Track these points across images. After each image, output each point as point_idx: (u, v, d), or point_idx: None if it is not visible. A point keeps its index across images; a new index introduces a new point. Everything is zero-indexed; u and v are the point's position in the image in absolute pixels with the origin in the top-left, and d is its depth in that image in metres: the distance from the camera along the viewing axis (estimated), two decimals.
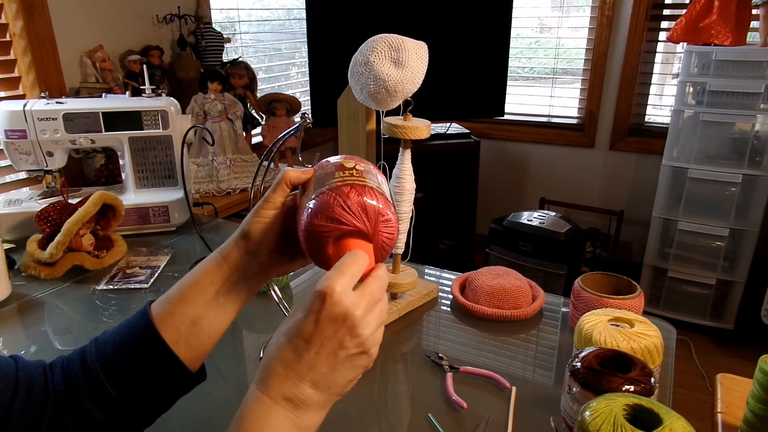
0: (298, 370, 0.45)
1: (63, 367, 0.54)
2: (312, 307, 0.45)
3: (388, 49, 0.80)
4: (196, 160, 1.96)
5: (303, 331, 0.45)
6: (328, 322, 0.44)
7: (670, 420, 0.52)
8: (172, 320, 0.54)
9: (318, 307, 0.44)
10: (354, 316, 0.45)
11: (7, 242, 1.23)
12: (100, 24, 1.83)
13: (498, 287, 0.98)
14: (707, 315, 2.45)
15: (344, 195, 0.50)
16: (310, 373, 0.45)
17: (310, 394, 0.45)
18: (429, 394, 0.78)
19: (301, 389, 0.45)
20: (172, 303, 0.55)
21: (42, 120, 1.23)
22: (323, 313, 0.44)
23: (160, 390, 0.55)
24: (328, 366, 0.45)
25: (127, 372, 0.53)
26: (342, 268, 0.46)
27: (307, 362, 0.45)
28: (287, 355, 0.45)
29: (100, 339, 0.55)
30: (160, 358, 0.53)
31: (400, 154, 0.92)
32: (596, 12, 2.76)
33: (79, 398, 0.52)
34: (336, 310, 0.44)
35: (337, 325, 0.44)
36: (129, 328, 0.55)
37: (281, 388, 0.44)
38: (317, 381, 0.45)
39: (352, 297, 0.45)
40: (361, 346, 0.46)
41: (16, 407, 0.49)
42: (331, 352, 0.45)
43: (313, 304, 0.45)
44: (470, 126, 3.00)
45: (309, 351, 0.45)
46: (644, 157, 2.85)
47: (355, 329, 0.45)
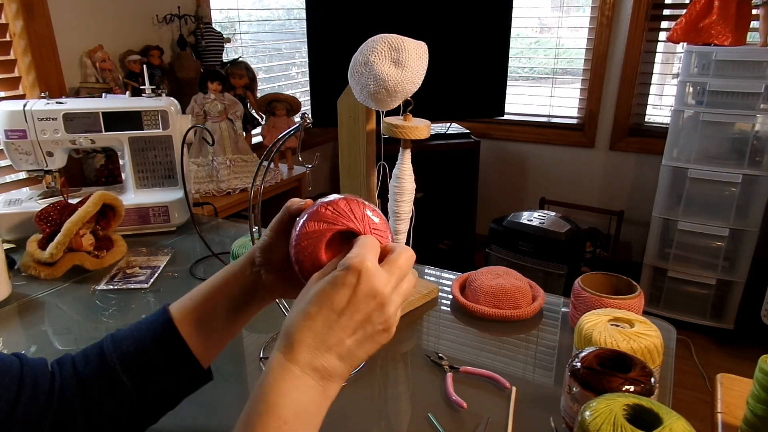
0: (327, 341, 0.45)
1: (74, 361, 0.55)
2: (345, 281, 0.45)
3: (388, 49, 0.80)
4: (196, 160, 1.96)
5: (335, 304, 0.45)
6: (362, 297, 0.45)
7: (670, 420, 0.52)
8: (191, 322, 0.56)
9: (353, 281, 0.45)
10: (384, 293, 0.46)
11: (7, 242, 1.23)
12: (100, 24, 1.83)
13: (498, 287, 0.98)
14: (707, 315, 2.45)
15: (333, 202, 0.52)
16: (339, 345, 0.45)
17: (336, 365, 0.46)
18: (429, 394, 0.78)
19: (329, 360, 0.45)
20: (189, 306, 0.57)
21: (42, 120, 1.23)
22: (359, 287, 0.45)
23: (173, 385, 0.56)
24: (356, 340, 0.46)
25: (143, 366, 0.54)
26: (367, 245, 0.47)
27: (336, 334, 0.45)
28: (317, 326, 0.45)
29: (116, 335, 0.57)
30: (178, 354, 0.55)
31: (400, 154, 0.92)
32: (596, 12, 2.76)
33: (92, 391, 0.53)
34: (369, 286, 0.45)
35: (369, 300, 0.45)
36: (147, 324, 0.57)
37: (310, 357, 0.45)
38: (343, 353, 0.46)
39: (383, 274, 0.46)
40: (386, 323, 0.47)
41: (21, 402, 0.50)
42: (360, 326, 0.46)
43: (346, 277, 0.45)
44: (470, 126, 3.00)
45: (339, 323, 0.45)
46: (644, 157, 2.85)
47: (384, 306, 0.46)
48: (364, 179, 0.97)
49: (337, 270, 0.46)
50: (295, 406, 0.43)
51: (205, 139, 1.93)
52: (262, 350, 0.87)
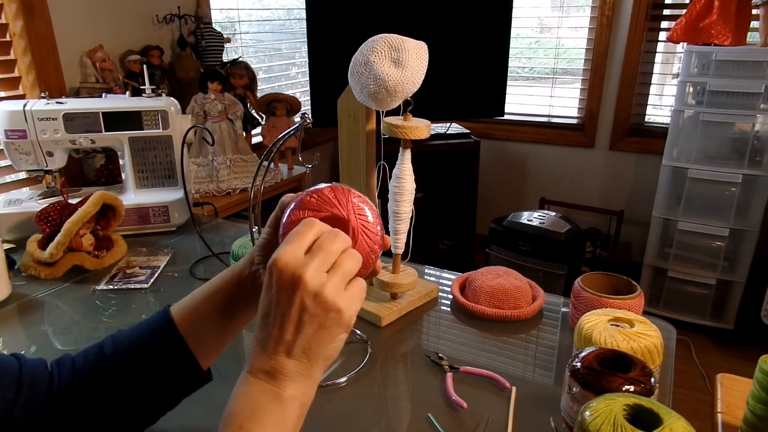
0: (268, 345, 0.45)
1: (73, 361, 0.56)
2: (266, 282, 0.46)
3: (388, 49, 0.80)
4: (196, 160, 1.96)
5: (264, 308, 0.46)
6: (281, 291, 0.45)
7: (670, 420, 0.52)
8: (189, 322, 0.56)
9: (268, 280, 0.45)
10: (304, 277, 0.44)
11: (7, 242, 1.23)
12: (100, 24, 1.83)
13: (498, 287, 0.98)
14: (707, 315, 2.45)
15: (318, 190, 0.52)
16: (280, 345, 0.45)
17: (285, 363, 0.45)
18: (429, 394, 0.78)
19: (275, 360, 0.45)
20: (190, 306, 0.57)
21: (42, 120, 1.23)
22: (273, 284, 0.45)
23: (172, 385, 0.57)
24: (294, 333, 0.45)
25: (142, 365, 0.55)
26: (288, 238, 0.46)
27: (273, 335, 0.45)
28: (258, 335, 0.46)
29: (117, 335, 0.57)
30: (177, 354, 0.56)
31: (400, 154, 0.92)
32: (596, 12, 2.76)
33: (91, 390, 0.53)
34: (285, 277, 0.44)
35: (291, 290, 0.44)
36: (148, 324, 0.57)
37: (258, 364, 0.46)
38: (289, 350, 0.45)
39: (297, 259, 0.45)
40: (324, 305, 0.44)
41: (20, 402, 0.50)
42: (294, 319, 0.44)
43: (266, 280, 0.46)
44: (470, 126, 3.00)
45: (274, 324, 0.45)
46: (644, 157, 2.85)
47: (309, 289, 0.44)
48: (364, 179, 0.97)
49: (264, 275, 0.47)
50: (248, 409, 0.44)
51: (205, 139, 1.93)
52: None
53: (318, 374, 0.47)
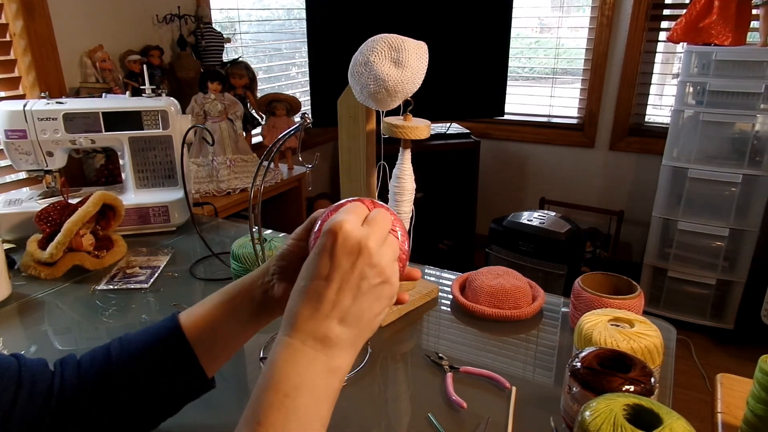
0: (323, 309, 0.44)
1: (79, 363, 0.55)
2: (325, 245, 0.44)
3: (388, 49, 0.80)
4: (196, 160, 1.96)
5: (320, 271, 0.44)
6: (344, 255, 0.44)
7: (670, 420, 0.52)
8: (198, 330, 0.56)
9: (330, 243, 0.44)
10: (368, 246, 0.45)
11: (7, 242, 1.23)
12: (100, 24, 1.83)
13: (498, 287, 0.98)
14: (707, 315, 2.45)
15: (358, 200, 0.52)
16: (336, 310, 0.44)
17: (338, 331, 0.44)
18: (429, 394, 0.78)
19: (329, 327, 0.44)
20: (199, 314, 0.57)
21: (42, 120, 1.23)
22: (337, 248, 0.44)
23: (176, 390, 0.57)
24: (353, 299, 0.45)
25: (148, 368, 0.55)
26: (347, 210, 0.47)
27: (330, 299, 0.44)
28: (310, 297, 0.44)
29: (124, 338, 0.57)
30: (184, 359, 0.55)
31: (400, 154, 0.92)
32: (596, 12, 2.76)
33: (95, 392, 0.53)
34: (350, 243, 0.44)
35: (354, 256, 0.44)
36: (156, 329, 0.57)
37: (308, 328, 0.44)
38: (344, 317, 0.44)
39: (362, 229, 0.45)
40: (382, 274, 0.46)
41: (19, 403, 0.50)
42: (353, 285, 0.44)
43: (325, 242, 0.44)
44: (470, 126, 3.00)
45: (330, 287, 0.44)
46: (644, 157, 2.85)
47: (372, 258, 0.45)
48: (364, 179, 0.97)
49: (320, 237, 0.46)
50: (296, 378, 0.42)
51: (205, 139, 1.93)
52: (262, 350, 0.87)
53: (360, 346, 0.46)
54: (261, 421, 0.40)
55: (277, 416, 0.40)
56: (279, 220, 2.37)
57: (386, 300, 0.47)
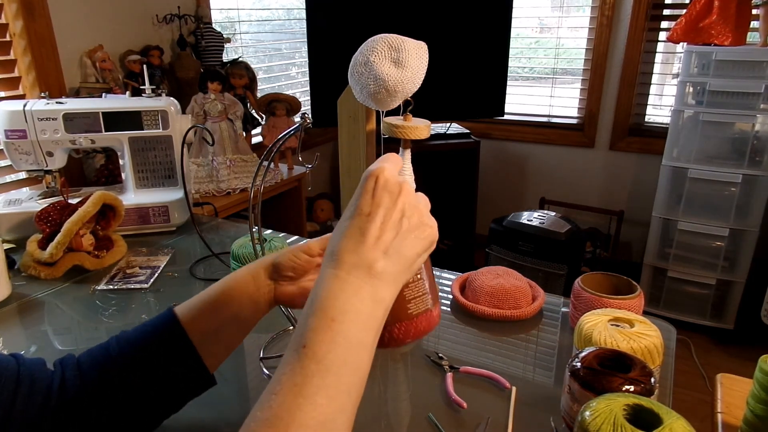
0: (367, 241, 0.45)
1: (79, 362, 0.55)
2: (366, 187, 0.46)
3: (388, 49, 0.80)
4: (196, 160, 1.96)
5: (362, 208, 0.46)
6: (386, 194, 0.46)
7: (670, 420, 0.52)
8: (198, 325, 0.56)
9: (372, 184, 0.46)
10: (407, 187, 0.47)
11: (7, 242, 1.23)
12: (100, 24, 1.83)
13: (498, 287, 0.98)
14: (707, 315, 2.45)
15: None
16: (380, 242, 0.45)
17: (383, 263, 0.45)
18: (429, 394, 0.78)
19: (374, 258, 0.44)
20: (199, 309, 0.57)
21: (42, 120, 1.23)
22: (378, 187, 0.46)
23: (177, 387, 0.56)
24: (395, 234, 0.46)
25: (148, 365, 0.54)
26: (385, 158, 0.49)
27: (374, 233, 0.45)
28: (354, 233, 0.45)
29: (122, 336, 0.57)
30: (184, 356, 0.55)
31: (400, 154, 0.92)
32: (596, 12, 2.76)
33: (96, 391, 0.53)
34: (390, 183, 0.46)
35: (395, 195, 0.46)
36: (153, 327, 0.57)
37: (353, 260, 0.44)
38: (387, 250, 0.45)
39: (400, 176, 0.48)
40: (421, 216, 0.48)
41: (18, 403, 0.50)
42: (396, 220, 0.46)
43: (366, 183, 0.46)
44: (470, 126, 3.00)
45: (374, 223, 0.45)
46: (644, 157, 2.85)
47: (411, 198, 0.47)
48: None
49: (361, 181, 0.47)
50: (344, 304, 0.42)
51: (205, 139, 1.93)
52: (262, 350, 0.87)
53: (402, 283, 0.47)
54: (306, 344, 0.40)
55: (323, 338, 0.40)
56: (279, 220, 2.37)
57: (427, 242, 0.48)
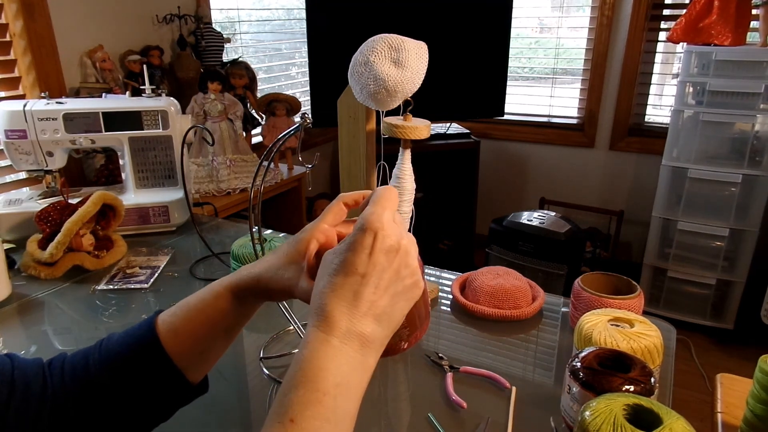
0: (360, 307, 0.43)
1: (63, 367, 0.54)
2: (363, 243, 0.44)
3: (388, 49, 0.80)
4: (196, 160, 1.96)
5: (357, 267, 0.44)
6: (383, 254, 0.44)
7: (670, 420, 0.52)
8: (179, 338, 0.54)
9: (369, 241, 0.44)
10: (405, 245, 0.45)
11: (7, 242, 1.23)
12: (100, 24, 1.83)
13: (498, 287, 0.98)
14: (707, 315, 2.45)
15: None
16: (373, 308, 0.44)
17: (374, 329, 0.44)
18: (429, 394, 0.78)
19: (367, 325, 0.43)
20: (179, 323, 0.55)
21: (42, 120, 1.23)
22: (376, 246, 0.44)
23: (161, 401, 0.55)
24: (389, 298, 0.45)
25: (129, 382, 0.53)
26: (382, 202, 0.46)
27: (368, 298, 0.43)
28: (347, 294, 0.43)
29: (104, 346, 0.55)
30: (163, 372, 0.53)
31: (400, 154, 0.92)
32: (596, 12, 2.76)
33: (78, 400, 0.52)
34: (388, 242, 0.44)
35: (392, 255, 0.44)
36: (135, 338, 0.55)
37: (346, 325, 0.43)
38: (380, 315, 0.44)
39: (397, 228, 0.45)
40: (414, 274, 0.46)
41: (12, 406, 0.49)
42: (390, 284, 0.44)
43: (363, 239, 0.44)
44: (470, 126, 3.00)
45: (368, 285, 0.43)
46: (644, 157, 2.85)
47: (408, 258, 0.45)
48: (364, 179, 0.97)
49: (355, 232, 0.44)
50: (336, 377, 0.41)
51: (205, 139, 1.93)
52: (262, 350, 0.87)
53: (385, 344, 0.46)
54: (295, 418, 0.39)
55: (313, 413, 0.39)
56: (279, 220, 2.37)
57: (413, 301, 0.47)
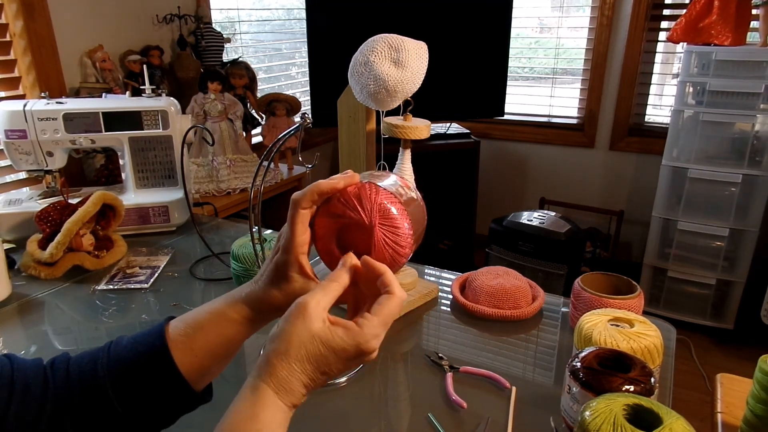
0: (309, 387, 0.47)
1: (68, 367, 0.54)
2: (349, 355, 0.47)
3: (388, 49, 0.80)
4: (196, 160, 1.96)
5: (332, 371, 0.48)
6: (353, 359, 0.48)
7: (670, 420, 0.52)
8: (189, 348, 0.55)
9: (355, 356, 0.47)
10: (375, 346, 0.48)
11: (7, 242, 1.23)
12: (100, 24, 1.83)
13: (498, 287, 0.98)
14: (707, 315, 2.45)
15: (345, 193, 0.53)
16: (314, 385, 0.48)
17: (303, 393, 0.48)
18: (429, 394, 0.78)
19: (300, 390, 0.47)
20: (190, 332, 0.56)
21: (42, 120, 1.23)
22: (357, 360, 0.48)
23: (165, 409, 0.55)
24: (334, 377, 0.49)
25: (132, 386, 0.53)
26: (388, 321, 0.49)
27: (318, 379, 0.48)
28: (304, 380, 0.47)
29: (113, 350, 0.55)
30: (170, 381, 0.54)
31: (400, 154, 0.92)
32: (596, 12, 2.76)
33: (82, 403, 0.52)
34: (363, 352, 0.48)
35: (359, 357, 0.48)
36: (145, 346, 0.55)
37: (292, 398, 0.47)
38: (319, 386, 0.48)
39: (379, 335, 0.48)
40: (370, 360, 0.49)
41: (12, 407, 0.49)
42: (346, 367, 0.48)
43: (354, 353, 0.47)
44: (470, 126, 3.00)
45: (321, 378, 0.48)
46: (644, 157, 2.85)
47: (370, 359, 0.49)
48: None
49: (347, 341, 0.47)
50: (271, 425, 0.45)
51: (205, 139, 1.93)
52: (263, 350, 0.87)
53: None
54: None
55: None
56: (279, 220, 2.35)
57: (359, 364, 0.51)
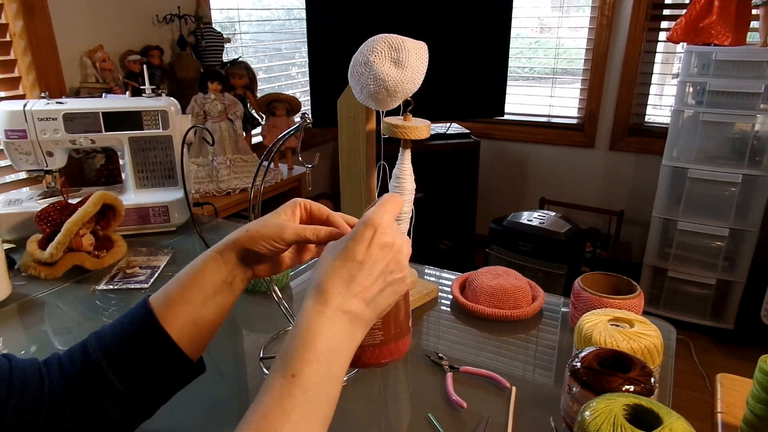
0: (353, 288, 0.50)
1: (60, 363, 0.54)
2: (363, 235, 0.51)
3: (388, 49, 0.80)
4: (196, 160, 1.96)
5: (356, 255, 0.50)
6: (379, 248, 0.51)
7: (670, 420, 0.52)
8: (174, 317, 0.56)
9: (369, 235, 0.51)
10: (398, 244, 0.52)
11: (7, 242, 1.23)
12: (100, 24, 1.83)
13: (498, 287, 0.98)
14: (707, 315, 2.45)
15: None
16: (364, 292, 0.50)
17: (363, 310, 0.50)
18: (429, 394, 0.78)
19: (357, 305, 0.50)
20: (172, 301, 0.57)
21: (42, 120, 1.23)
22: (374, 240, 0.51)
23: (163, 379, 0.56)
24: (378, 287, 0.51)
25: (129, 361, 0.54)
26: (386, 206, 0.53)
27: (361, 282, 0.50)
28: (343, 276, 0.50)
29: (99, 332, 0.56)
30: (163, 348, 0.55)
31: (400, 154, 0.92)
32: (596, 12, 2.76)
33: (81, 391, 0.52)
34: (385, 238, 0.51)
35: (386, 250, 0.51)
36: (130, 318, 0.56)
37: (339, 302, 0.49)
38: (368, 299, 0.51)
39: (395, 229, 0.53)
40: (402, 271, 0.53)
41: (11, 406, 0.49)
42: (381, 274, 0.51)
43: (364, 232, 0.51)
44: (470, 126, 3.00)
45: (362, 271, 0.50)
46: (644, 157, 2.85)
47: (399, 255, 0.52)
48: (364, 179, 0.97)
49: (358, 226, 0.52)
50: (329, 342, 0.48)
51: (205, 139, 1.93)
52: (262, 350, 0.87)
53: (369, 327, 0.53)
54: (296, 374, 0.46)
55: (311, 371, 0.46)
56: None
57: (399, 295, 0.54)
